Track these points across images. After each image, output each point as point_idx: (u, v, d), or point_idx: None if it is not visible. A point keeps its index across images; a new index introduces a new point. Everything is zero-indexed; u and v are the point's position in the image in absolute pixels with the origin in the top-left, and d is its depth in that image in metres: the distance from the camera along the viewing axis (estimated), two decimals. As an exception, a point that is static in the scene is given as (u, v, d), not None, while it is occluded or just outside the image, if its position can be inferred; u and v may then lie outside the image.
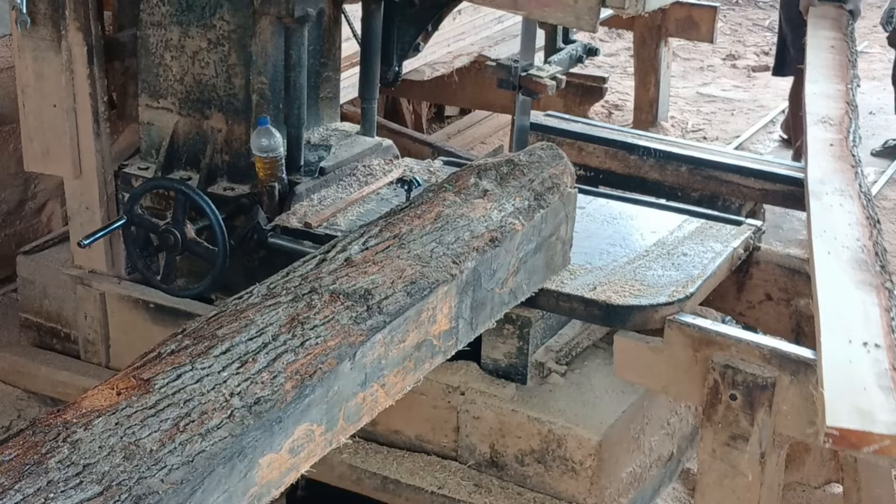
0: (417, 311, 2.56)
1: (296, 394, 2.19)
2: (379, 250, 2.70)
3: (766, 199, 4.53)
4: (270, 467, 2.15)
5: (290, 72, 3.70)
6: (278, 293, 2.45)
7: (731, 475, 3.04)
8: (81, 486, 1.83)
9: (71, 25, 3.74)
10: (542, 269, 3.22)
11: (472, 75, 6.16)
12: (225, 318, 2.33)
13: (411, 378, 2.64)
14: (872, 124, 8.17)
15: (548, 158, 3.27)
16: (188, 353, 2.19)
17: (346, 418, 2.39)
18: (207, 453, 1.98)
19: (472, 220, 2.91)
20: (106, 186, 3.96)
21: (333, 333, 2.35)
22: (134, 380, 2.11)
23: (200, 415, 2.05)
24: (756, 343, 2.98)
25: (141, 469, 1.89)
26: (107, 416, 1.99)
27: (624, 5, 2.83)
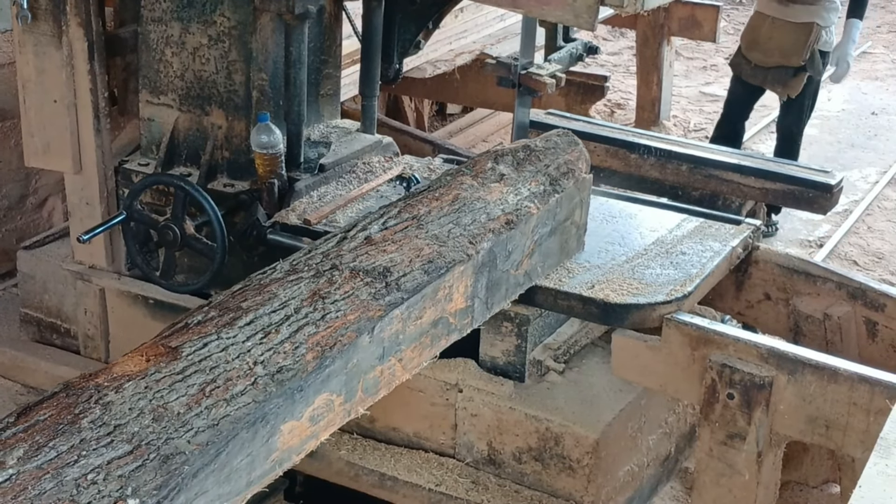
0: (434, 289, 2.63)
1: (316, 364, 2.26)
2: (398, 230, 2.78)
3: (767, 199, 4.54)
4: (291, 434, 2.23)
5: (290, 68, 3.70)
6: (300, 269, 2.54)
7: (728, 474, 3.04)
8: (112, 444, 1.92)
9: (72, 21, 3.74)
10: (557, 252, 3.27)
11: (474, 73, 6.16)
12: (249, 292, 2.42)
13: (427, 354, 2.71)
14: (875, 124, 8.17)
15: (563, 145, 3.34)
16: (214, 324, 2.28)
17: (365, 390, 2.47)
18: (232, 417, 2.06)
19: (489, 202, 2.98)
20: (106, 182, 3.97)
21: (353, 308, 2.43)
22: (162, 347, 2.20)
23: (225, 381, 2.13)
24: (754, 342, 2.99)
25: (169, 430, 1.98)
26: (137, 381, 2.08)
27: (623, 4, 2.83)
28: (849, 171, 6.98)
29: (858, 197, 6.77)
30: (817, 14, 5.54)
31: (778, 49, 5.60)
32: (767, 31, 5.64)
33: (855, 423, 2.86)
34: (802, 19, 5.53)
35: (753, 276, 3.74)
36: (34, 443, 1.90)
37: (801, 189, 4.28)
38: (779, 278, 3.70)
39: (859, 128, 8.06)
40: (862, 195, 6.81)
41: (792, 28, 5.55)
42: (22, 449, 1.88)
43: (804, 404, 2.91)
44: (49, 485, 1.82)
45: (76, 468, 1.87)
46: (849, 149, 7.64)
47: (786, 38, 5.56)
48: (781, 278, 3.69)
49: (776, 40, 5.59)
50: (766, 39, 5.64)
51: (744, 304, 3.79)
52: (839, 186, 4.31)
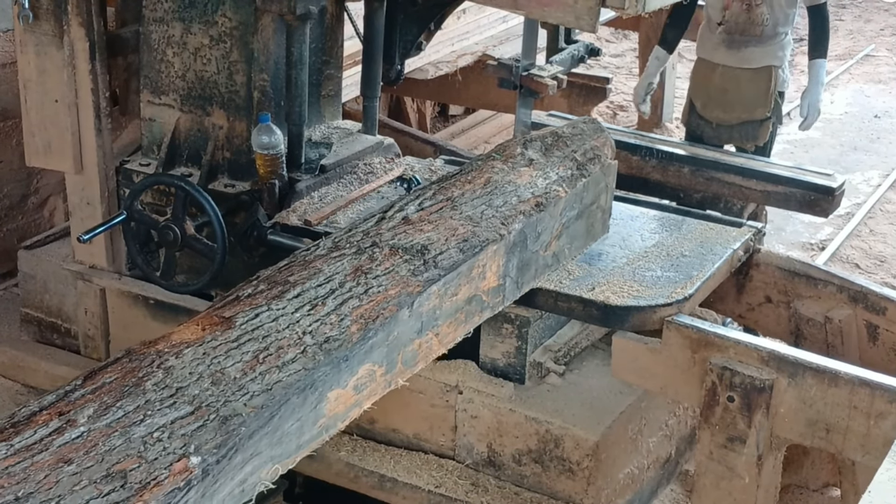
0: (469, 267, 2.75)
1: (360, 335, 2.38)
2: (433, 211, 2.90)
3: (769, 201, 4.53)
4: (337, 401, 2.33)
5: (291, 69, 3.70)
6: (343, 246, 2.68)
7: (728, 477, 3.04)
8: (175, 405, 2.04)
9: (73, 21, 3.74)
10: (583, 235, 3.36)
11: (476, 75, 6.16)
12: (295, 267, 2.55)
13: (462, 330, 2.82)
14: (877, 127, 8.16)
15: (590, 131, 3.44)
16: (264, 296, 2.41)
17: (404, 362, 2.58)
18: (284, 383, 2.17)
19: (519, 186, 3.09)
20: (107, 182, 3.97)
21: (394, 283, 2.55)
22: (216, 317, 2.32)
23: (277, 349, 2.25)
24: (754, 345, 2.98)
25: (227, 393, 2.09)
26: (195, 347, 2.19)
27: (624, 6, 2.83)
28: (851, 174, 6.97)
29: (861, 200, 6.77)
30: (772, 55, 4.86)
31: (739, 103, 4.91)
32: (720, 82, 4.92)
33: (855, 426, 2.85)
34: (758, 63, 4.85)
35: (754, 278, 3.73)
36: (102, 403, 2.01)
37: (803, 192, 4.28)
38: (780, 281, 3.69)
39: (862, 131, 8.06)
40: (864, 198, 6.81)
41: (749, 76, 4.86)
42: (91, 408, 1.99)
43: (804, 407, 2.91)
44: (118, 441, 1.93)
45: (142, 427, 1.98)
46: (851, 152, 7.63)
47: (744, 88, 4.88)
48: (782, 281, 3.69)
49: (733, 92, 4.90)
50: (720, 93, 4.93)
51: (745, 306, 3.79)
52: (841, 189, 4.31)
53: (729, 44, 4.84)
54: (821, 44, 4.94)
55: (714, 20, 4.90)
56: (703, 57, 5.00)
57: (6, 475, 1.81)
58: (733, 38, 4.81)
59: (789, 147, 7.57)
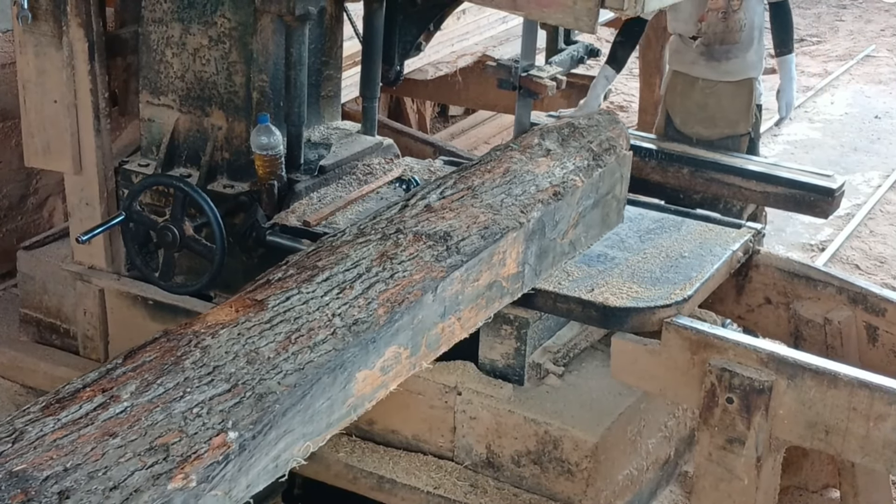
0: (490, 254, 2.82)
1: (387, 318, 2.45)
2: (455, 199, 2.97)
3: (768, 202, 4.53)
4: (365, 382, 2.40)
5: (290, 70, 3.70)
6: (368, 232, 2.76)
7: (727, 479, 3.03)
8: (213, 383, 2.11)
9: (72, 21, 3.74)
10: (599, 224, 3.41)
11: (476, 75, 6.16)
12: (323, 252, 2.64)
13: (482, 315, 2.89)
14: (878, 128, 8.16)
15: (605, 123, 3.53)
16: (294, 280, 2.49)
17: (428, 345, 2.66)
18: (315, 363, 2.25)
19: (537, 175, 3.16)
20: (106, 182, 3.97)
21: (418, 268, 2.63)
22: (249, 300, 2.40)
23: (308, 331, 2.32)
24: (753, 346, 2.98)
25: (261, 372, 2.17)
26: (230, 328, 2.27)
27: (623, 7, 2.82)
28: (851, 174, 6.97)
29: (861, 201, 6.77)
30: (752, 66, 4.74)
31: (722, 118, 4.76)
32: (700, 97, 4.77)
33: (854, 428, 2.85)
34: (739, 76, 4.72)
35: (754, 279, 3.73)
36: (143, 380, 2.09)
37: (803, 193, 4.28)
38: (779, 282, 3.69)
39: (862, 131, 8.05)
40: (864, 199, 6.81)
41: (731, 90, 4.73)
42: (134, 385, 2.07)
43: (804, 409, 2.90)
44: (160, 416, 2.00)
45: (182, 403, 2.05)
46: (851, 152, 7.63)
47: (726, 103, 4.75)
48: (782, 282, 3.68)
49: (714, 108, 4.76)
50: (700, 108, 4.78)
51: (744, 307, 3.78)
52: (841, 190, 4.31)
53: (708, 56, 4.72)
54: (787, 39, 4.82)
55: (687, 35, 4.77)
56: (680, 70, 4.85)
57: (55, 447, 1.88)
58: (713, 50, 4.70)
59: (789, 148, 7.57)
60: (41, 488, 1.79)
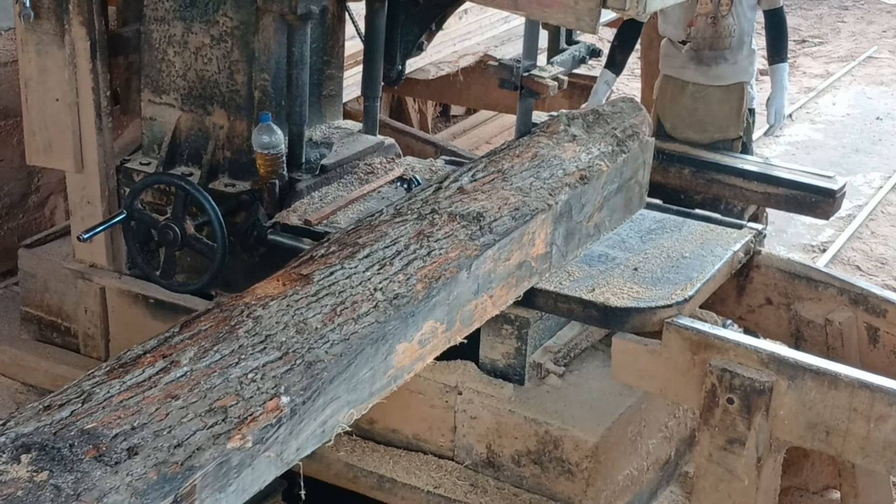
0: (521, 234, 2.93)
1: (425, 294, 2.56)
2: (486, 182, 3.09)
3: (769, 203, 4.53)
4: (404, 354, 2.51)
5: (292, 69, 3.70)
6: (405, 212, 2.88)
7: (727, 479, 3.03)
8: (265, 350, 2.23)
9: (74, 20, 3.74)
10: (622, 208, 3.50)
11: (478, 75, 6.16)
12: (363, 231, 2.77)
13: (512, 294, 2.99)
14: (879, 129, 8.16)
15: (628, 110, 3.62)
16: (337, 256, 2.62)
17: (462, 321, 2.76)
18: (360, 334, 2.36)
19: (564, 160, 3.27)
20: (108, 181, 3.97)
21: (453, 246, 2.74)
22: (295, 275, 2.52)
23: (352, 304, 2.44)
24: (754, 347, 2.98)
25: (310, 341, 2.28)
26: (279, 300, 2.39)
27: (625, 7, 2.82)
28: (853, 175, 6.97)
29: (862, 202, 6.76)
30: (744, 70, 4.72)
31: (712, 122, 4.75)
32: (690, 101, 4.74)
33: (855, 429, 2.85)
34: (730, 80, 4.71)
35: (755, 280, 3.73)
36: (201, 347, 2.20)
37: (804, 194, 4.28)
38: (780, 283, 3.69)
39: (864, 132, 8.05)
40: (866, 200, 6.80)
41: (721, 94, 4.72)
42: (192, 351, 2.18)
43: (804, 410, 2.90)
44: (217, 380, 2.11)
45: (238, 368, 2.16)
46: (853, 153, 7.63)
47: (717, 107, 4.73)
48: (783, 283, 3.68)
49: (704, 111, 4.74)
50: (690, 112, 4.75)
51: (745, 308, 3.78)
52: (842, 191, 4.31)
53: (698, 61, 4.71)
54: (781, 48, 4.82)
55: (676, 39, 4.77)
56: (671, 74, 4.82)
57: (122, 408, 1.98)
58: (702, 55, 4.70)
59: (790, 149, 7.57)
60: (111, 444, 1.90)
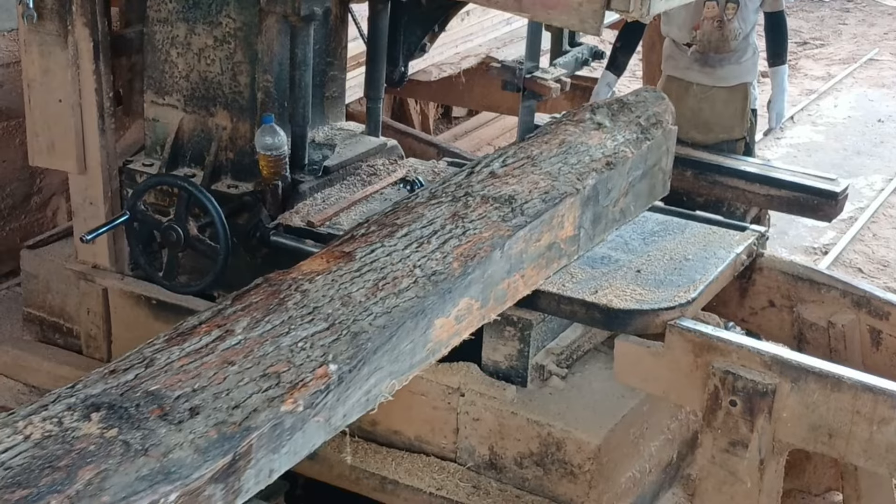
0: (550, 216, 3.02)
1: (461, 271, 2.66)
2: (516, 166, 3.19)
3: (772, 205, 4.53)
4: (442, 329, 2.61)
5: (295, 70, 3.70)
6: (439, 195, 3.00)
7: (730, 481, 3.03)
8: (313, 321, 2.33)
9: (77, 21, 3.74)
10: (646, 194, 3.56)
11: (480, 77, 6.16)
12: (400, 212, 2.89)
13: (543, 274, 3.08)
14: (881, 132, 8.16)
15: (652, 99, 3.70)
16: (377, 235, 2.74)
17: (496, 299, 2.85)
18: (401, 308, 2.46)
19: (591, 146, 3.35)
20: (110, 182, 3.97)
21: (487, 227, 2.85)
22: (338, 252, 2.65)
23: (393, 279, 2.55)
24: (757, 349, 2.97)
25: (355, 313, 2.39)
26: (324, 276, 2.52)
27: (629, 9, 2.82)
28: (854, 178, 6.97)
29: (864, 204, 6.77)
30: (747, 71, 4.76)
31: (717, 123, 4.76)
32: (694, 102, 4.73)
33: (858, 431, 2.85)
34: (734, 81, 4.74)
35: (758, 282, 3.73)
36: (253, 318, 2.31)
37: (806, 196, 4.28)
38: (783, 285, 3.69)
39: (865, 135, 8.05)
40: (867, 202, 6.81)
41: (725, 94, 4.75)
42: (244, 321, 2.29)
43: (807, 412, 2.90)
44: (270, 349, 2.21)
45: (288, 338, 2.26)
46: (854, 156, 7.63)
47: (721, 107, 4.74)
48: (786, 285, 3.68)
49: (709, 112, 4.74)
50: (694, 113, 4.72)
51: (748, 310, 3.78)
52: (844, 194, 4.31)
53: (703, 62, 4.72)
54: (781, 50, 4.86)
55: (681, 42, 4.77)
56: (674, 75, 4.83)
57: (182, 372, 2.10)
58: (707, 57, 4.70)
59: (792, 151, 7.57)
60: (174, 405, 2.01)
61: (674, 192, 3.94)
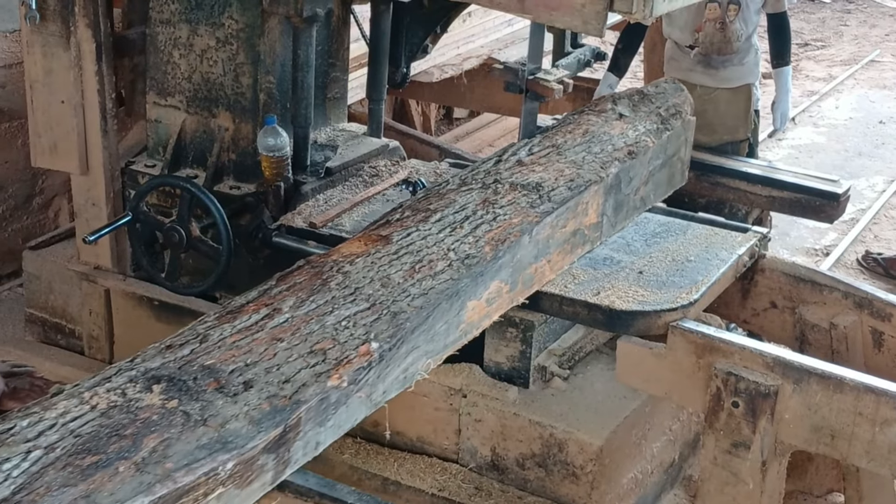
0: (576, 203, 3.12)
1: (492, 255, 2.76)
2: (542, 155, 3.29)
3: (773, 207, 4.53)
4: (474, 310, 2.71)
5: (297, 71, 3.70)
6: (469, 182, 3.10)
7: (732, 483, 3.03)
8: (355, 301, 2.44)
9: (80, 22, 3.74)
10: (665, 183, 3.65)
11: (481, 78, 6.15)
12: (433, 198, 3.00)
13: (567, 259, 3.18)
14: (882, 133, 8.15)
15: (671, 90, 3.81)
16: (412, 220, 2.84)
17: (524, 283, 2.94)
18: (437, 290, 2.56)
19: (613, 136, 3.45)
20: (113, 183, 3.97)
21: (516, 213, 2.95)
22: (375, 236, 2.76)
23: (429, 262, 2.65)
24: (759, 351, 2.97)
25: (394, 294, 2.49)
26: (364, 258, 2.62)
27: (631, 10, 2.82)
28: (856, 179, 6.97)
29: (865, 205, 6.76)
30: (750, 72, 4.76)
31: (721, 124, 4.75)
32: (698, 104, 4.44)
33: (860, 433, 2.85)
34: (737, 83, 4.74)
35: (759, 284, 3.73)
36: (298, 297, 2.41)
37: (808, 197, 4.28)
38: (785, 287, 3.69)
39: (867, 136, 8.05)
40: (869, 204, 6.80)
41: (729, 96, 4.75)
42: (290, 301, 2.39)
43: (809, 413, 2.90)
44: (315, 327, 2.31)
45: (332, 317, 2.36)
46: (856, 157, 7.63)
47: (724, 109, 4.75)
48: (788, 287, 3.68)
49: (712, 114, 4.72)
50: (698, 115, 4.33)
51: (750, 312, 3.78)
52: (846, 195, 4.31)
53: (706, 64, 4.71)
54: (784, 52, 4.86)
55: (683, 44, 4.77)
56: (677, 77, 4.68)
57: (235, 347, 2.21)
58: (710, 59, 4.70)
59: (794, 152, 7.57)
60: (229, 378, 2.11)
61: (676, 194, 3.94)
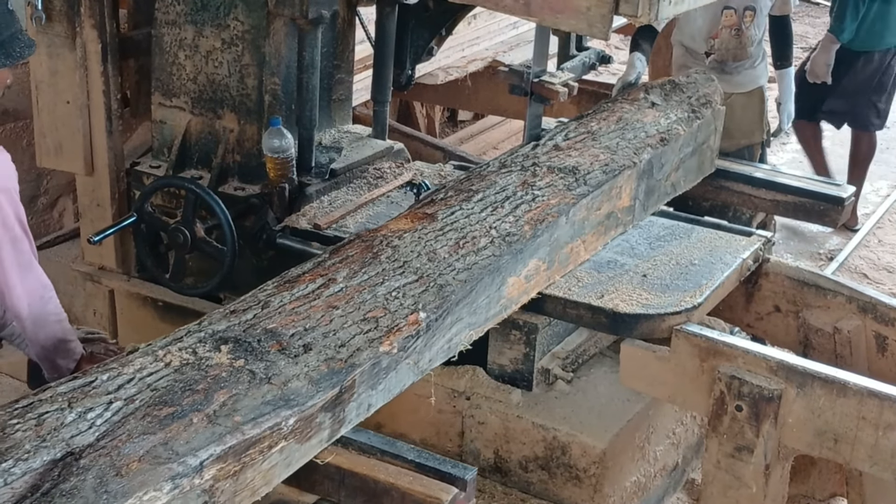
0: (610, 187, 3.26)
1: (532, 234, 2.91)
2: (577, 140, 3.45)
3: (778, 211, 4.52)
4: (513, 286, 2.86)
5: (302, 73, 3.71)
6: (509, 165, 3.26)
7: (735, 486, 3.03)
8: (404, 274, 2.59)
9: (86, 22, 3.75)
10: (695, 170, 3.82)
11: (486, 80, 6.15)
12: (474, 180, 3.16)
13: (601, 241, 3.35)
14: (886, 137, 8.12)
15: (702, 81, 3.98)
16: (455, 199, 3.00)
17: (560, 262, 3.10)
18: (480, 265, 2.71)
19: (646, 124, 3.61)
20: (118, 183, 3.98)
21: (554, 194, 3.10)
22: (421, 213, 2.91)
23: (472, 238, 2.81)
24: (763, 354, 2.97)
25: (440, 268, 2.65)
26: (411, 233, 2.78)
27: (637, 13, 2.82)
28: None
29: (869, 210, 6.75)
30: (761, 74, 4.80)
31: (738, 129, 4.71)
32: None
33: (863, 437, 2.85)
34: (751, 86, 4.76)
35: (763, 288, 3.73)
36: (350, 269, 2.58)
37: (812, 201, 4.26)
38: (789, 291, 3.69)
39: (871, 141, 8.02)
40: (873, 208, 6.79)
41: (743, 100, 4.74)
42: (344, 272, 2.56)
43: (813, 417, 2.90)
44: (367, 296, 2.48)
45: (383, 287, 2.52)
46: (860, 161, 7.60)
47: (740, 113, 4.71)
48: (791, 291, 3.68)
49: (729, 119, 4.49)
50: None
51: (753, 315, 3.78)
52: (850, 199, 4.30)
53: (720, 71, 4.69)
54: (788, 53, 4.94)
55: (698, 51, 4.77)
56: None
57: (294, 313, 2.36)
58: (725, 65, 4.71)
59: (797, 156, 7.56)
60: (290, 342, 2.26)
61: (680, 197, 3.94)
